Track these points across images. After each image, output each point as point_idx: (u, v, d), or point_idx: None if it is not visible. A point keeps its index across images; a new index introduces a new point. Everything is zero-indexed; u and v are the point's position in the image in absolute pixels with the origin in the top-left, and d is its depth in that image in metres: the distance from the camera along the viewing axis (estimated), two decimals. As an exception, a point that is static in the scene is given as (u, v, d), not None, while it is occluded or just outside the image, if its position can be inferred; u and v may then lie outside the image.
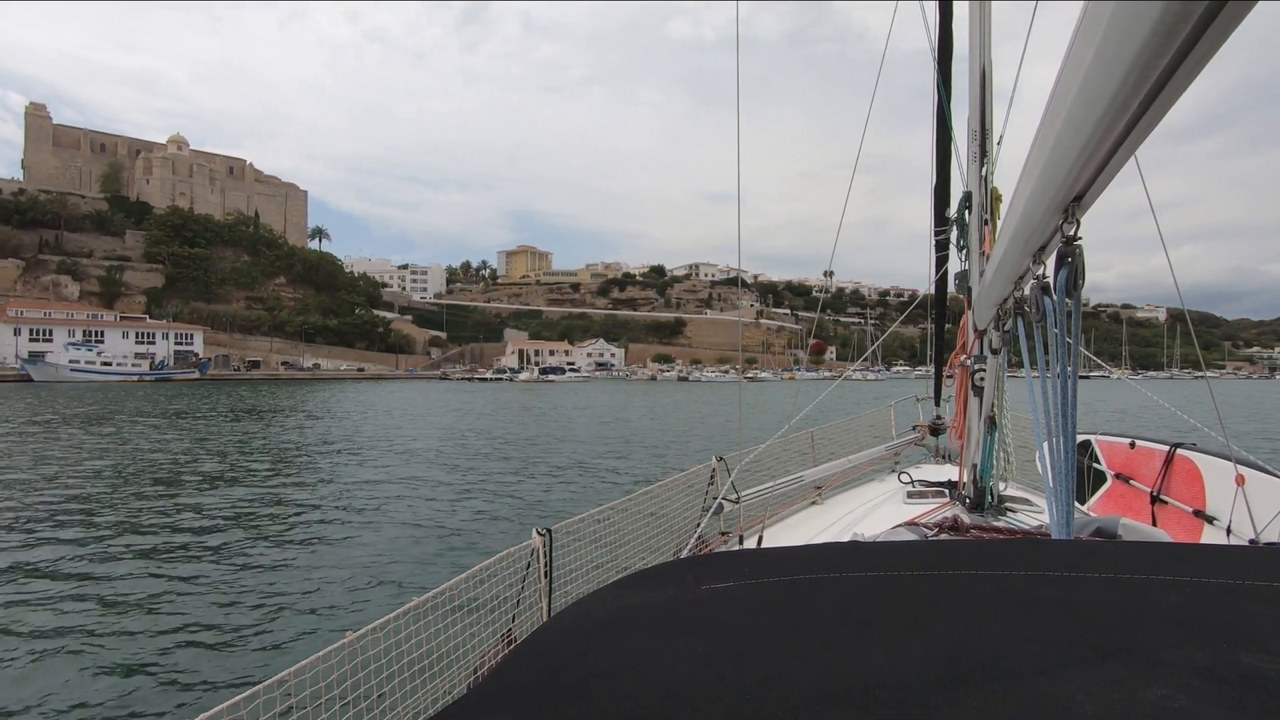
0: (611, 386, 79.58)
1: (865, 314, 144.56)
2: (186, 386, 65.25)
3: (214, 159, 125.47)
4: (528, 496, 13.20)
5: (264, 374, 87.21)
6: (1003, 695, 0.62)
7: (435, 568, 8.26)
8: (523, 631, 2.61)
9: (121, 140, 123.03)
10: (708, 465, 4.31)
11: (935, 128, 4.62)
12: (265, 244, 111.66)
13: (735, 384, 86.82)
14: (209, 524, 10.68)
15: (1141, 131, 1.07)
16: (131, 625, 6.61)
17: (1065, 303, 1.47)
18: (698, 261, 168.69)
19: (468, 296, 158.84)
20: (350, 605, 7.10)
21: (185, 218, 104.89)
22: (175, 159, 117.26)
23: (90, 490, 13.40)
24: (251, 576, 8.09)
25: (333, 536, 9.94)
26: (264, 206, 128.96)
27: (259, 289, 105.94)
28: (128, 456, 18.17)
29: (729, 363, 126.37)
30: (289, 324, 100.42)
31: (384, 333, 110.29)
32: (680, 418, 33.77)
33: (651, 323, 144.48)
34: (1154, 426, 16.58)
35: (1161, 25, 0.81)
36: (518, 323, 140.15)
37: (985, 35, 3.48)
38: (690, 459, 15.76)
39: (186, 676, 5.55)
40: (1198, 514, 3.33)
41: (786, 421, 4.61)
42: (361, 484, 14.37)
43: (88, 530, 10.24)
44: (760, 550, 1.66)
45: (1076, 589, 0.86)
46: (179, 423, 28.30)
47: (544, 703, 0.72)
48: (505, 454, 19.36)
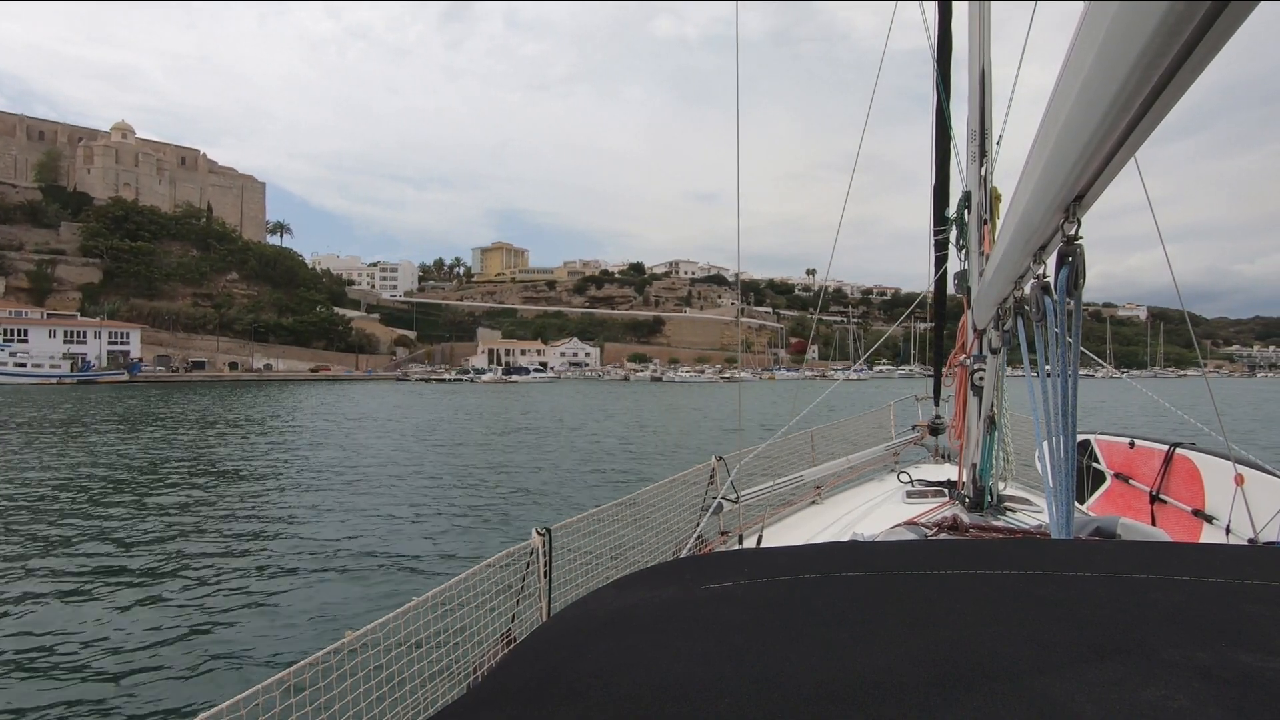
0: (579, 388, 77.56)
1: (848, 313, 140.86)
2: (111, 390, 60.95)
3: (163, 148, 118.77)
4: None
5: (205, 375, 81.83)
6: (1002, 695, 0.62)
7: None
8: (522, 631, 2.64)
9: (62, 127, 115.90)
10: (707, 465, 4.33)
11: (935, 128, 4.63)
12: (217, 238, 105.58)
13: (710, 384, 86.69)
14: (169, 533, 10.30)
15: (1144, 131, 1.08)
16: (131, 625, 6.68)
17: (1066, 302, 1.48)
18: (678, 259, 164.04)
19: (440, 295, 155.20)
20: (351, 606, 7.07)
21: (128, 209, 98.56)
22: (119, 147, 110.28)
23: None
24: (252, 577, 8.08)
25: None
26: (218, 199, 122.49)
27: (208, 285, 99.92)
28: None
29: (707, 362, 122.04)
30: (238, 322, 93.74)
31: (344, 331, 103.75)
32: (638, 426, 29.65)
33: (629, 321, 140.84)
34: (1139, 425, 15.68)
35: (1164, 25, 0.81)
36: (491, 321, 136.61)
37: (985, 35, 3.52)
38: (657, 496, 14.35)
39: (187, 676, 5.64)
40: (1197, 513, 3.38)
41: (772, 423, 4.69)
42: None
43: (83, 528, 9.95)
44: (760, 550, 1.69)
45: (1076, 589, 0.87)
46: (70, 430, 25.58)
47: (544, 702, 0.72)
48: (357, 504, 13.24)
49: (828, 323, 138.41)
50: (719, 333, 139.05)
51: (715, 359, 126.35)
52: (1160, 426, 20.36)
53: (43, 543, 9.85)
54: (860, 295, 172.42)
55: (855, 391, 47.84)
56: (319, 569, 8.57)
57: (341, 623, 6.29)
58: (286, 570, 8.54)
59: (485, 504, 12.71)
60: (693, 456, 16.66)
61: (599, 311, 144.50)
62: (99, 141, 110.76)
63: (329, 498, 13.23)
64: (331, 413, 36.31)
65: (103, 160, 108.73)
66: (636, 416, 34.75)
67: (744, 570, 1.04)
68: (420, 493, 13.79)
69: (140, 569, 8.61)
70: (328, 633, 6.19)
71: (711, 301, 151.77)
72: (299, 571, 8.46)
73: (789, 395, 49.02)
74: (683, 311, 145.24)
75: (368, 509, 12.17)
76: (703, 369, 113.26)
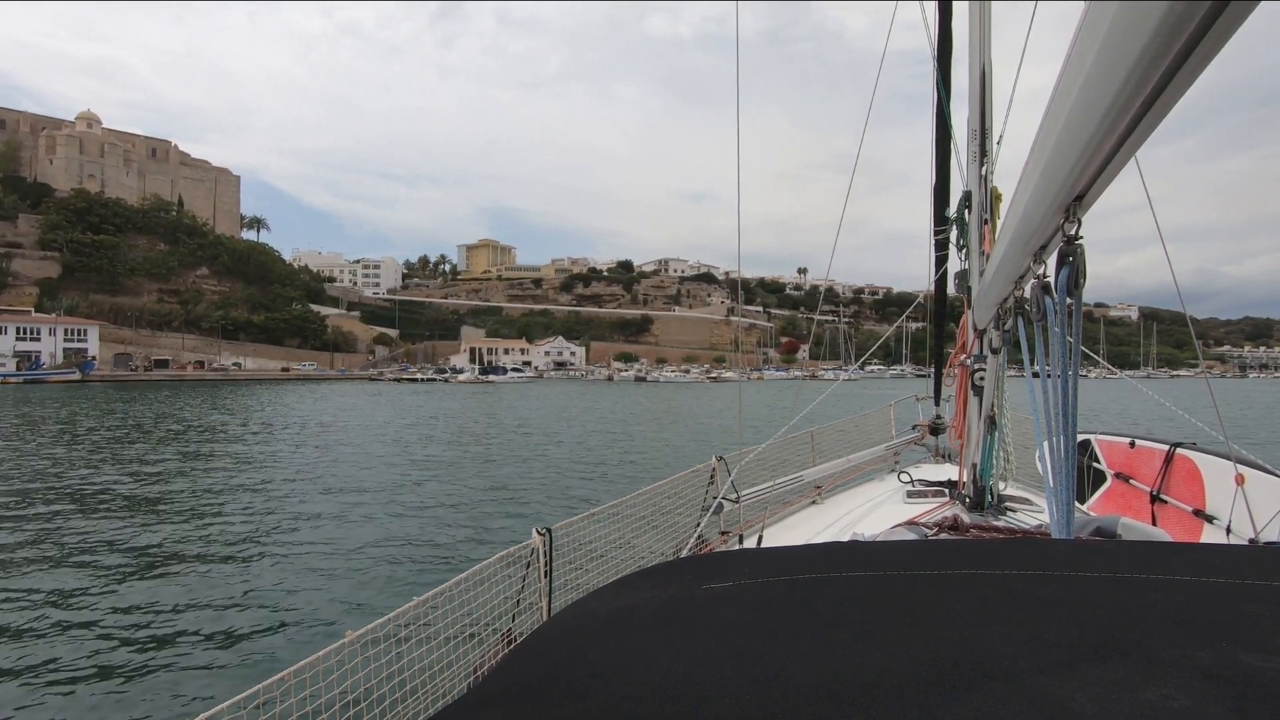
0: (560, 388, 75.59)
1: (839, 312, 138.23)
2: (60, 390, 57.88)
3: (132, 139, 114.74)
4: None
5: (166, 374, 78.47)
6: (1003, 695, 0.62)
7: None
8: (523, 631, 2.67)
9: (24, 116, 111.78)
10: (707, 465, 4.35)
11: (935, 128, 4.67)
12: (187, 232, 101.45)
13: (696, 385, 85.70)
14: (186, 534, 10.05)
15: (1144, 130, 1.08)
16: (132, 625, 6.72)
17: (1067, 302, 1.50)
18: (668, 257, 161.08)
19: (424, 293, 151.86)
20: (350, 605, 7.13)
21: (91, 201, 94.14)
22: (84, 137, 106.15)
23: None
24: (250, 578, 8.13)
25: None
26: (191, 192, 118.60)
27: (176, 281, 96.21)
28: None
29: (695, 361, 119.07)
30: (205, 319, 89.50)
31: (319, 329, 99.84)
32: (608, 435, 26.17)
33: (617, 320, 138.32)
34: (1137, 426, 15.26)
35: (1165, 25, 0.82)
36: (476, 320, 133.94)
37: (985, 35, 3.56)
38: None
39: (187, 676, 5.68)
40: (1197, 513, 3.41)
41: (760, 425, 4.72)
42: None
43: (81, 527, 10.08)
44: (760, 550, 1.72)
45: (1076, 588, 0.87)
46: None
47: (544, 702, 0.72)
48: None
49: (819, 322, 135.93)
50: (708, 332, 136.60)
51: (704, 358, 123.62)
52: (1159, 427, 19.40)
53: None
54: (852, 294, 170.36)
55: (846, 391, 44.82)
56: (318, 569, 8.52)
57: (342, 623, 6.37)
58: (286, 570, 8.49)
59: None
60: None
61: (586, 310, 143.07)
62: (62, 131, 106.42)
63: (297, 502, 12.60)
64: (253, 417, 33.14)
65: (66, 150, 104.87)
66: (611, 423, 30.79)
67: (744, 570, 1.04)
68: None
69: (139, 569, 8.56)
70: (328, 633, 6.26)
71: (701, 300, 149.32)
72: (299, 572, 8.44)
73: (779, 396, 44.38)
74: (672, 310, 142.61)
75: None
76: (688, 369, 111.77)
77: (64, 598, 7.45)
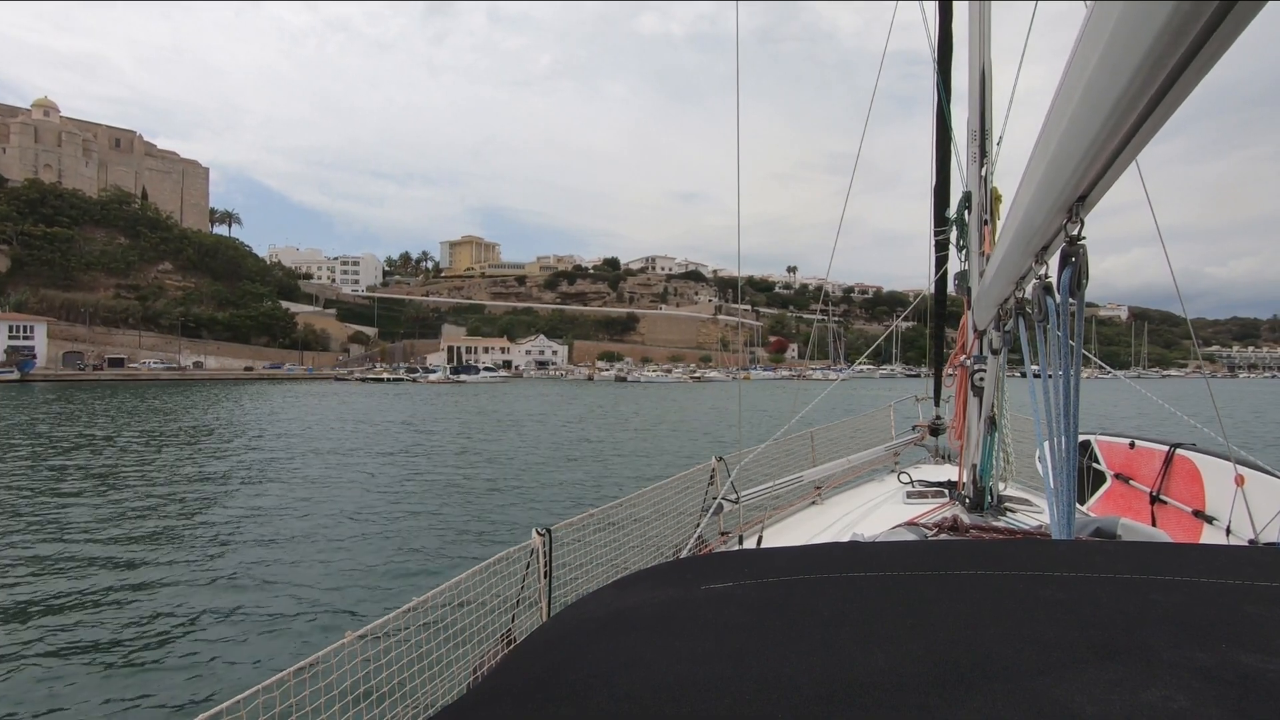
0: (538, 388, 72.79)
1: (829, 311, 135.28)
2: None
3: (94, 128, 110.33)
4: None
5: (118, 374, 74.40)
6: (1003, 695, 0.63)
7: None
8: (522, 631, 2.70)
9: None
10: (707, 465, 4.39)
11: (935, 128, 4.69)
12: (149, 225, 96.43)
13: (678, 385, 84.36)
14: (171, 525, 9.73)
15: (1148, 131, 1.08)
16: (132, 625, 6.70)
17: (1070, 303, 1.50)
18: (655, 255, 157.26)
19: (404, 290, 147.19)
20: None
21: (45, 191, 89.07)
22: (40, 125, 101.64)
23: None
24: (250, 578, 8.09)
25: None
26: (156, 185, 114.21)
27: (136, 276, 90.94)
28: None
29: (681, 360, 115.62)
30: (165, 315, 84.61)
31: (288, 327, 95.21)
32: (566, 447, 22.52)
33: (602, 318, 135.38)
34: (1135, 426, 13.60)
35: (1170, 25, 0.81)
36: (458, 318, 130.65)
37: (985, 35, 3.59)
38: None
39: (188, 676, 5.68)
40: (1197, 514, 3.44)
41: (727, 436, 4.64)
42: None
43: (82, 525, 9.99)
44: (760, 550, 1.76)
45: (1076, 589, 0.87)
46: None
47: (544, 702, 0.73)
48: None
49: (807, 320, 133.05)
50: (695, 330, 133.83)
51: (690, 358, 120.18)
52: (1152, 426, 19.61)
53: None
54: (841, 294, 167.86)
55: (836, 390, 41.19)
56: (318, 569, 8.52)
57: (342, 623, 6.40)
58: (286, 571, 8.48)
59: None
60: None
61: (570, 308, 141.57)
62: (17, 119, 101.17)
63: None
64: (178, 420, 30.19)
65: (20, 139, 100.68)
66: (562, 438, 25.45)
67: (744, 571, 1.04)
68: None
69: (139, 568, 8.57)
70: (328, 632, 6.26)
71: (688, 298, 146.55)
72: (299, 572, 8.43)
73: (769, 399, 40.02)
74: (658, 308, 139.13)
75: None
76: (670, 368, 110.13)
77: (59, 599, 7.36)
